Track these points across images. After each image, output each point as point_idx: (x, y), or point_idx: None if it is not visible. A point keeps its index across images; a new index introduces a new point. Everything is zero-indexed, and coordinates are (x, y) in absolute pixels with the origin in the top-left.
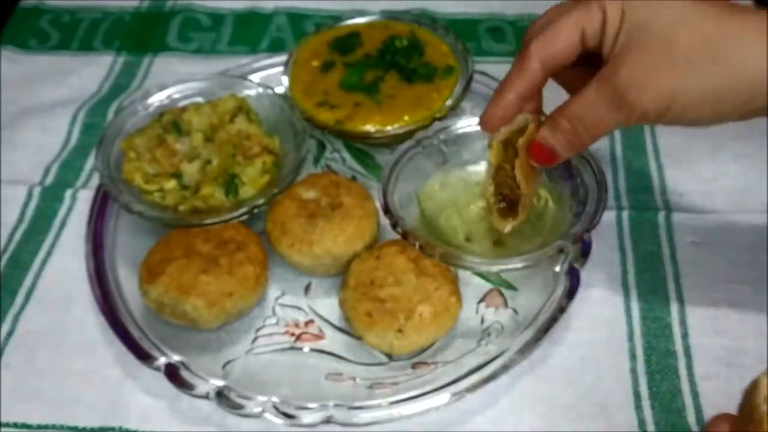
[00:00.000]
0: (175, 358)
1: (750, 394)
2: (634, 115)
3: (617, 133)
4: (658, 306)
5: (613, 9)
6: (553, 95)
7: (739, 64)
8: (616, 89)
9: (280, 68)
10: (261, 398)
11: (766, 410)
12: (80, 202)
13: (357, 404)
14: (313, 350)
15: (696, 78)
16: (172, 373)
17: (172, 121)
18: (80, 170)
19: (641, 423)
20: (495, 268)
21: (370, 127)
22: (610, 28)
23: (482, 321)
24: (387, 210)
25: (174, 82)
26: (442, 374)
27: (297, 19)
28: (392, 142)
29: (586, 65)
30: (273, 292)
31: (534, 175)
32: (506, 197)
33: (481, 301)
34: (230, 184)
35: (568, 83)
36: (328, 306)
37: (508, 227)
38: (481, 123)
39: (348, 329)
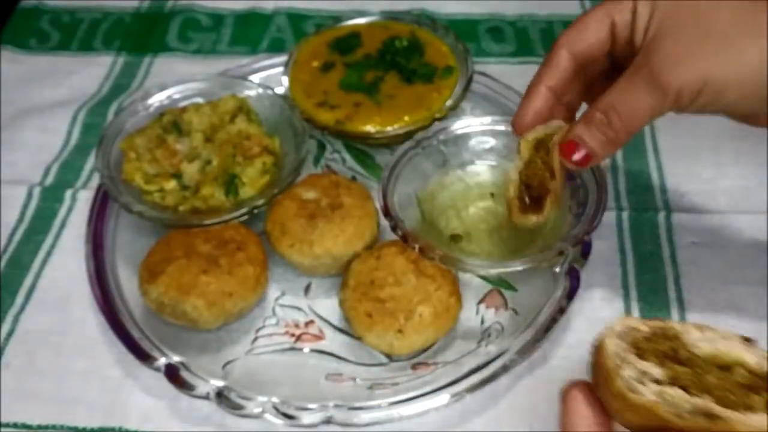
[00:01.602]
0: (175, 358)
1: (596, 355)
2: (669, 96)
3: None
4: (658, 306)
5: (643, 3)
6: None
7: None
8: (650, 71)
9: (280, 68)
10: (261, 398)
11: (612, 366)
12: (80, 202)
13: (357, 405)
14: (313, 351)
15: (733, 52)
16: (172, 373)
17: (172, 121)
18: (80, 170)
19: None
20: (495, 271)
21: (370, 128)
22: (641, 19)
23: (482, 322)
24: (387, 212)
25: (174, 82)
26: (442, 375)
27: (297, 19)
28: (392, 142)
29: (614, 75)
30: (273, 292)
31: (564, 175)
32: (532, 192)
33: (481, 301)
34: (230, 184)
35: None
36: (328, 306)
37: (530, 222)
38: (513, 123)
39: (348, 329)
